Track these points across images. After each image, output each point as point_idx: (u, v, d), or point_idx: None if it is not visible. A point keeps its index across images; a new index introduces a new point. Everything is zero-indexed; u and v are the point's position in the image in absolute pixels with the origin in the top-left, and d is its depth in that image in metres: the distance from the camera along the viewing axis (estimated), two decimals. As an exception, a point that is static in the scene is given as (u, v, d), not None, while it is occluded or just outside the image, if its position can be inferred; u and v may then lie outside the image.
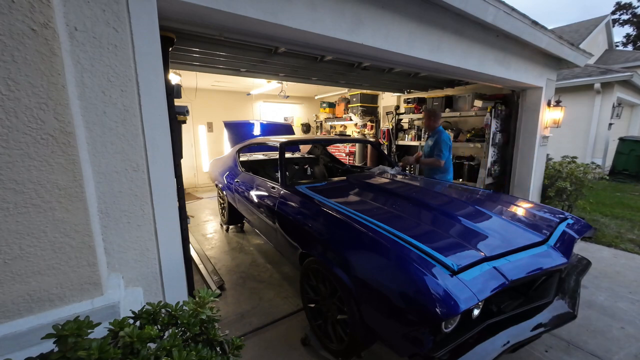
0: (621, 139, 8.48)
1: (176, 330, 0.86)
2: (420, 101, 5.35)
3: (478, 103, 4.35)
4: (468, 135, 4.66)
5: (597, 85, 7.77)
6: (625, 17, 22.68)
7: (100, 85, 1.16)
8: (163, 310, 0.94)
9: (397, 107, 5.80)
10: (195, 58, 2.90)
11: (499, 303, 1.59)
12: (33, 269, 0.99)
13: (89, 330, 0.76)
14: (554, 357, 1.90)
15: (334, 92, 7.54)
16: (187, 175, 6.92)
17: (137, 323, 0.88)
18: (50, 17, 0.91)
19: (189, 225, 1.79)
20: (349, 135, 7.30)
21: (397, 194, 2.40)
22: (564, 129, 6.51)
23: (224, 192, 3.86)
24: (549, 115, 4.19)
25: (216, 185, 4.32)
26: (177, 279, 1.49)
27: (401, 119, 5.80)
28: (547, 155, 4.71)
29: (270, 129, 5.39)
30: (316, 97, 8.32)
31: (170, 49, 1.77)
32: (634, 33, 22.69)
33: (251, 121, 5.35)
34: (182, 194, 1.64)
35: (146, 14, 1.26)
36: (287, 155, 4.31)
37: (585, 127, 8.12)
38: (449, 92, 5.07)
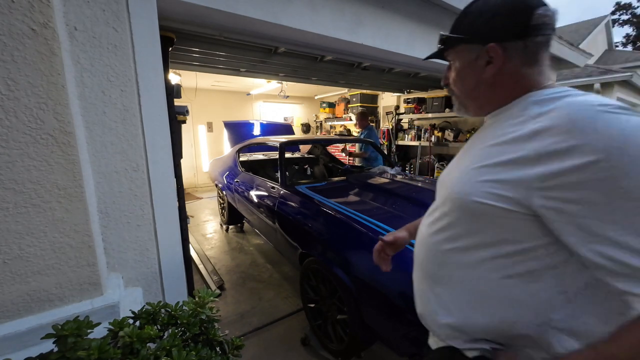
0: (621, 139, 8.48)
1: (176, 330, 0.86)
2: (420, 101, 5.35)
3: (478, 103, 4.36)
4: (468, 135, 4.66)
5: (597, 86, 7.76)
6: (625, 17, 22.70)
7: (100, 85, 1.16)
8: (163, 310, 0.94)
9: (397, 107, 5.80)
10: (195, 58, 2.90)
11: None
12: (33, 269, 0.99)
13: (89, 330, 0.76)
14: (553, 357, 1.90)
15: (334, 92, 7.54)
16: (187, 175, 6.91)
17: (137, 323, 0.88)
18: (50, 17, 0.91)
19: (188, 225, 1.79)
20: (349, 135, 7.30)
21: (397, 194, 2.40)
22: (564, 129, 6.49)
23: (224, 192, 3.86)
24: (548, 116, 4.19)
25: (216, 185, 4.32)
26: (176, 279, 1.49)
27: (401, 119, 5.80)
28: (547, 155, 4.71)
29: (270, 129, 5.40)
30: (316, 97, 8.31)
31: (170, 49, 1.77)
32: (634, 33, 22.70)
33: (251, 121, 5.36)
34: (182, 194, 1.64)
35: (146, 14, 1.26)
36: (287, 155, 4.31)
37: (585, 127, 8.12)
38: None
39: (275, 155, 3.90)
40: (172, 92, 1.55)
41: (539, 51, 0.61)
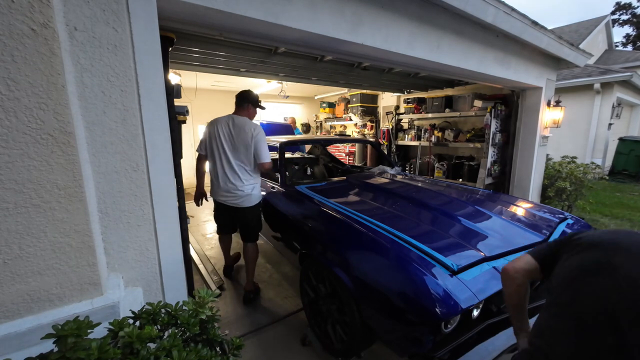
0: (621, 139, 8.48)
1: (176, 330, 0.86)
2: (420, 101, 5.35)
3: (478, 103, 4.36)
4: (468, 135, 4.66)
5: (597, 86, 7.77)
6: (625, 17, 22.69)
7: (100, 85, 1.16)
8: (163, 310, 0.94)
9: (397, 107, 5.80)
10: (195, 58, 2.90)
11: (499, 303, 1.59)
12: (33, 269, 0.99)
13: (89, 330, 0.76)
14: (553, 357, 1.90)
15: (334, 92, 7.54)
16: (187, 175, 6.86)
17: (137, 323, 0.88)
18: (50, 17, 0.91)
19: (188, 225, 1.79)
20: (349, 135, 7.30)
21: (397, 194, 2.40)
22: (564, 129, 6.50)
23: (224, 192, 3.86)
24: (548, 115, 4.19)
25: (216, 185, 4.32)
26: (177, 279, 1.49)
27: (401, 119, 5.81)
28: (547, 155, 4.71)
29: (270, 129, 5.40)
30: (316, 97, 8.31)
31: (170, 49, 1.77)
32: (634, 33, 22.69)
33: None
34: (182, 194, 1.64)
35: (146, 14, 1.26)
36: (287, 155, 4.31)
37: (585, 127, 8.13)
38: (449, 92, 5.07)
39: (275, 155, 3.89)
40: (172, 92, 1.55)
41: (254, 108, 2.45)
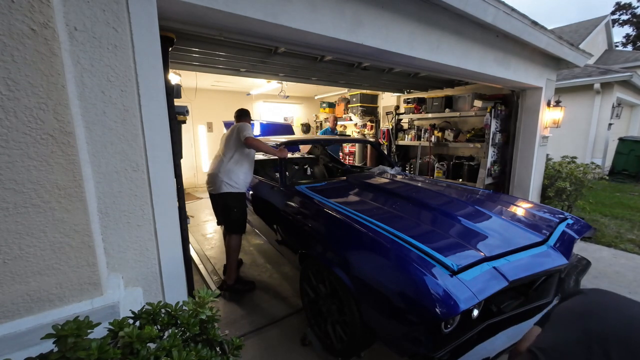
0: (621, 139, 8.48)
1: (176, 331, 0.86)
2: (420, 101, 5.35)
3: (478, 103, 4.35)
4: (468, 135, 4.66)
5: (597, 86, 7.77)
6: (625, 17, 22.67)
7: (100, 85, 1.16)
8: (163, 311, 0.94)
9: (397, 107, 5.80)
10: (195, 58, 2.90)
11: (499, 303, 1.59)
12: (33, 269, 0.99)
13: (89, 331, 0.76)
14: (553, 357, 1.90)
15: (334, 92, 7.54)
16: (187, 175, 6.91)
17: (137, 323, 0.88)
18: (50, 17, 0.91)
19: (188, 225, 1.79)
20: (349, 135, 7.29)
21: (397, 194, 2.40)
22: (564, 129, 6.49)
23: (224, 192, 3.86)
24: (548, 116, 4.19)
25: (216, 185, 4.32)
26: (176, 279, 1.49)
27: (401, 119, 5.80)
28: (547, 155, 4.71)
29: (270, 129, 5.40)
30: (316, 97, 8.31)
31: (170, 49, 1.77)
32: (634, 33, 22.68)
33: (251, 121, 5.33)
34: (182, 194, 1.64)
35: (146, 14, 1.26)
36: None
37: (585, 127, 8.12)
38: (449, 92, 5.07)
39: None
40: (172, 92, 1.55)
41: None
